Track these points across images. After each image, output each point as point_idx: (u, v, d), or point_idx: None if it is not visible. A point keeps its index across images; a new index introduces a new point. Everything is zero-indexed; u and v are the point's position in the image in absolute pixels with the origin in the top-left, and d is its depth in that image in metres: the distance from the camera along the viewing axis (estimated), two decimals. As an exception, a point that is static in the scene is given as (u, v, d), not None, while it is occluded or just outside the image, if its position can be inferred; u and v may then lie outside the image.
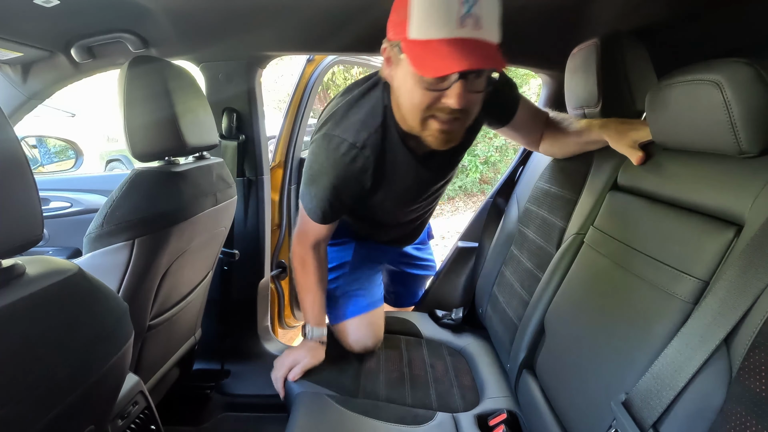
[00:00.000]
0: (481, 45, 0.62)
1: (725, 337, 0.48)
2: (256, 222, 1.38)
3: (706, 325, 0.51)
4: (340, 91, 0.93)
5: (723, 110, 0.54)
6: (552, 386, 0.83)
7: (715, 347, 0.48)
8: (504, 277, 1.16)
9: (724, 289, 0.51)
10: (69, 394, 0.48)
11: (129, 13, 0.98)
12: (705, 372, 0.49)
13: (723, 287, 0.51)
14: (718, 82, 0.55)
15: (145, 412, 0.83)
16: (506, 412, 0.93)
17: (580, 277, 0.83)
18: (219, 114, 1.27)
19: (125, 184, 0.83)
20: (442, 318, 1.38)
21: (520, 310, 1.01)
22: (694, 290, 0.56)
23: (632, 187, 0.79)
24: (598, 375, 0.69)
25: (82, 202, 1.58)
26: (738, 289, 0.49)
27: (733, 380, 0.46)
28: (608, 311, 0.72)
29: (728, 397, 0.45)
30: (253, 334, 1.44)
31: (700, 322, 0.52)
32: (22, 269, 0.47)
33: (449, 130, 0.73)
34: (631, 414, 0.56)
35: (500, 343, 1.12)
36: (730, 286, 0.50)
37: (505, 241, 1.22)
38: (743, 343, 0.46)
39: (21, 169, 0.44)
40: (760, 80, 0.52)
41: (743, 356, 0.45)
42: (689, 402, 0.50)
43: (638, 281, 0.66)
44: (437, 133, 0.73)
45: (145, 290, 0.87)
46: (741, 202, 0.55)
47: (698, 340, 0.51)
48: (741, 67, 0.54)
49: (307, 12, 1.00)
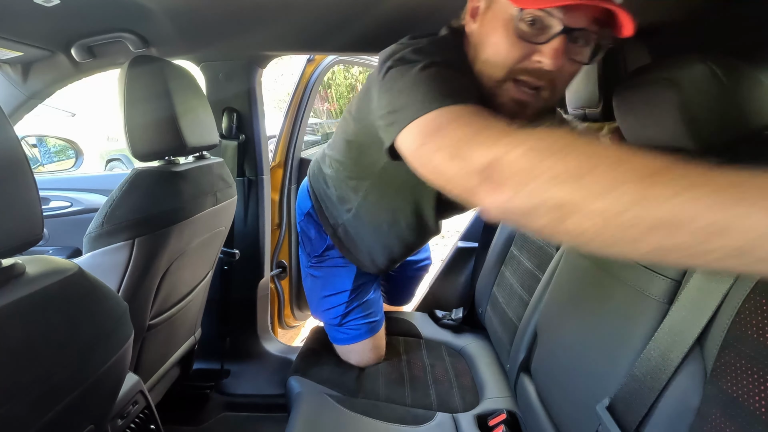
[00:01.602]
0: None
1: (697, 338, 0.47)
2: (256, 222, 1.38)
3: (678, 325, 0.50)
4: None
5: (681, 107, 0.54)
6: (545, 388, 0.83)
7: (688, 348, 0.48)
8: (504, 277, 1.16)
9: (694, 289, 0.50)
10: (69, 394, 0.48)
11: (129, 13, 0.98)
12: (682, 373, 0.49)
13: (693, 287, 0.50)
14: (674, 81, 0.55)
15: (144, 411, 0.83)
16: (506, 412, 0.93)
17: (566, 279, 0.83)
18: (219, 114, 1.27)
19: (125, 184, 0.83)
20: (442, 318, 1.38)
21: (519, 310, 1.01)
22: (667, 290, 0.55)
23: None
24: (586, 378, 0.68)
25: (82, 201, 1.58)
26: (706, 289, 0.48)
27: (707, 381, 0.45)
28: (591, 313, 0.71)
29: (704, 398, 0.45)
30: (253, 334, 1.44)
31: (674, 322, 0.51)
32: (22, 269, 0.47)
33: (525, 101, 0.59)
34: (616, 418, 0.56)
35: (500, 344, 1.12)
36: (699, 285, 0.49)
37: (505, 241, 1.22)
38: (714, 343, 0.45)
39: (21, 169, 0.44)
40: (714, 77, 0.52)
41: (715, 357, 0.45)
42: (669, 404, 0.50)
43: (617, 282, 0.65)
44: (511, 101, 0.60)
45: (145, 290, 0.87)
46: None
47: (672, 342, 0.50)
48: (695, 65, 0.54)
49: (307, 12, 1.00)
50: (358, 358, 1.14)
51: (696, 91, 0.52)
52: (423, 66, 0.55)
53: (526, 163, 0.37)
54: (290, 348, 1.50)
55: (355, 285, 1.12)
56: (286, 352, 1.47)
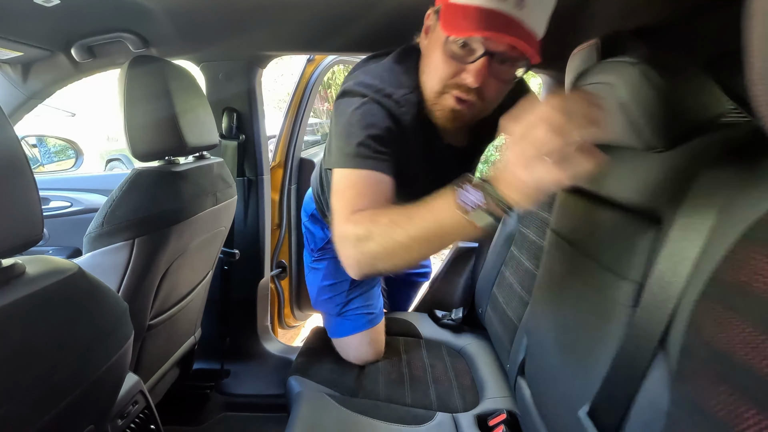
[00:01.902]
0: (515, 24, 0.58)
1: (659, 341, 0.47)
2: (256, 222, 1.38)
3: (642, 329, 0.49)
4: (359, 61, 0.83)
5: (621, 109, 0.54)
6: (537, 391, 0.83)
7: (652, 353, 0.47)
8: (504, 277, 1.16)
9: (651, 293, 0.49)
10: (69, 394, 0.49)
11: (129, 13, 0.98)
12: (650, 378, 0.48)
13: (651, 289, 0.50)
14: (611, 84, 0.55)
15: (144, 411, 0.83)
16: (506, 412, 0.93)
17: (546, 282, 0.82)
18: (219, 114, 1.27)
19: (125, 184, 0.83)
20: (442, 318, 1.38)
21: (519, 310, 1.01)
22: (631, 293, 0.54)
23: (577, 186, 0.75)
24: (570, 381, 0.68)
25: (82, 201, 1.58)
26: (663, 290, 0.47)
27: (672, 386, 0.44)
28: (570, 317, 0.70)
29: (672, 402, 0.44)
30: (253, 334, 1.44)
31: (638, 326, 0.51)
32: (22, 269, 0.47)
33: (459, 110, 0.69)
34: (597, 423, 0.55)
35: (500, 344, 1.12)
36: (657, 287, 0.49)
37: (505, 241, 1.22)
38: (675, 347, 0.44)
39: (21, 169, 0.44)
40: (646, 80, 0.52)
41: (677, 360, 0.43)
42: (643, 409, 0.49)
43: (588, 287, 0.64)
44: (447, 109, 0.69)
45: (145, 290, 0.87)
46: (656, 198, 0.54)
47: (638, 346, 0.49)
48: (627, 68, 0.54)
49: (307, 12, 1.00)
50: (356, 353, 1.14)
51: (634, 94, 0.53)
52: (356, 107, 0.69)
53: (355, 240, 0.61)
54: (290, 348, 1.50)
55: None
56: (286, 352, 1.47)
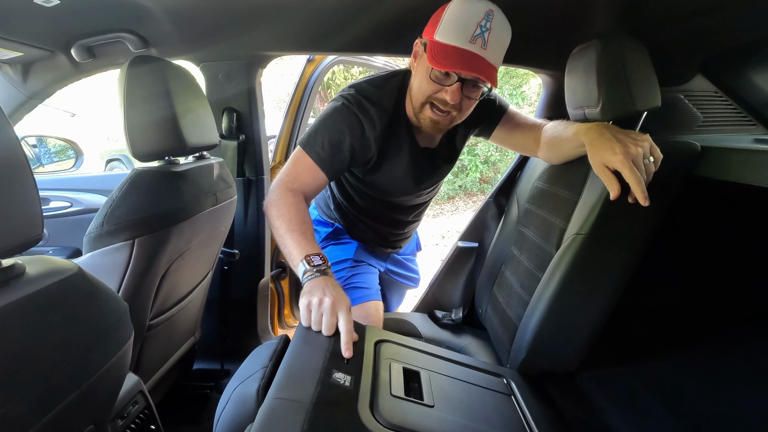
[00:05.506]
0: (481, 61, 0.80)
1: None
2: (256, 222, 1.38)
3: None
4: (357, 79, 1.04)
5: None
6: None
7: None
8: (504, 277, 1.16)
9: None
10: (69, 394, 0.49)
11: (129, 13, 0.98)
12: None
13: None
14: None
15: (144, 411, 0.83)
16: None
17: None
18: (219, 114, 1.27)
19: (125, 184, 0.83)
20: (442, 318, 1.38)
21: (519, 310, 1.01)
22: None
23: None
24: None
25: (82, 201, 1.58)
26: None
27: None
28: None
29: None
30: (253, 334, 1.44)
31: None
32: (22, 269, 0.47)
33: (439, 120, 0.91)
34: None
35: (500, 344, 1.12)
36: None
37: (505, 241, 1.22)
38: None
39: (21, 169, 0.44)
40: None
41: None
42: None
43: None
44: (429, 119, 0.91)
45: (145, 290, 0.87)
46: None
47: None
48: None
49: (307, 12, 1.00)
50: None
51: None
52: (337, 109, 0.94)
53: (273, 207, 0.89)
54: (290, 348, 1.50)
55: (356, 257, 1.22)
56: (286, 352, 1.46)
